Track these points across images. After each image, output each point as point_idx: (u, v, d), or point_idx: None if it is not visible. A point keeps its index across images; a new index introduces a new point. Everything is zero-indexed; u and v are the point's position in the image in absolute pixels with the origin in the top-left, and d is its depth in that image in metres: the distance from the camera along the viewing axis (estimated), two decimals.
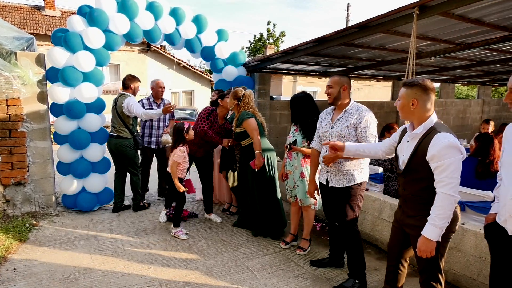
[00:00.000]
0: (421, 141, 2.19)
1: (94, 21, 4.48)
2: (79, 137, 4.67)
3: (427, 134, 2.18)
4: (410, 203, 2.32)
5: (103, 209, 5.12)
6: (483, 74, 8.43)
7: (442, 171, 2.05)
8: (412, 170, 2.25)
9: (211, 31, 5.62)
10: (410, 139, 2.29)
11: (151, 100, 5.25)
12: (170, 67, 18.85)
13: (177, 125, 4.19)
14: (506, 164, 1.93)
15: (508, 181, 1.85)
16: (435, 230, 2.07)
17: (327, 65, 6.93)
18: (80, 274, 3.27)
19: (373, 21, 3.84)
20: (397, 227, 2.50)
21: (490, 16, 3.83)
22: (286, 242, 3.97)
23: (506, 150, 1.94)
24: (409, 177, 2.29)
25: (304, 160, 3.68)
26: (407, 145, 2.32)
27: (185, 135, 4.12)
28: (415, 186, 2.25)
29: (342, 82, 3.04)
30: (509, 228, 1.85)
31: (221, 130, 4.62)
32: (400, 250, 2.53)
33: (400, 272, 2.59)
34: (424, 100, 2.21)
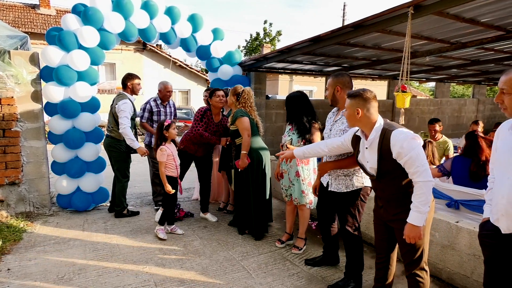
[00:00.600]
0: (381, 144, 2.30)
1: (88, 19, 4.45)
2: (74, 137, 4.64)
3: (382, 136, 2.31)
4: (393, 202, 2.40)
5: (98, 208, 5.10)
6: (478, 73, 8.47)
7: (413, 163, 2.18)
8: (385, 173, 2.35)
9: (207, 30, 5.61)
10: (369, 146, 2.40)
11: (158, 103, 5.10)
12: (166, 66, 18.80)
13: (159, 123, 4.10)
14: (498, 163, 1.94)
15: (501, 180, 1.86)
16: (420, 216, 2.19)
17: (323, 64, 6.94)
18: (74, 274, 3.26)
19: (368, 20, 3.84)
20: (380, 223, 2.57)
21: (484, 15, 3.85)
22: (281, 241, 3.97)
23: (499, 148, 1.94)
24: (383, 180, 2.39)
25: (299, 160, 3.68)
26: (367, 152, 2.42)
27: (165, 133, 4.00)
28: (394, 186, 2.35)
29: (335, 84, 3.01)
30: (502, 227, 1.86)
31: (219, 128, 4.58)
32: (388, 245, 2.59)
33: (390, 267, 2.64)
34: (367, 108, 2.37)
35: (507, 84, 1.71)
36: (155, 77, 17.55)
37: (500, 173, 1.87)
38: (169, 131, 4.00)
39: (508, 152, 1.82)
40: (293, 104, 3.69)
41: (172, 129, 4.01)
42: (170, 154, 4.01)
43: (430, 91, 32.22)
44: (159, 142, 4.01)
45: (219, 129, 4.59)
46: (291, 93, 3.80)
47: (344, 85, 3.00)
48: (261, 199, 4.11)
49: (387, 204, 2.45)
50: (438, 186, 3.63)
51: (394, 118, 8.99)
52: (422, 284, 2.40)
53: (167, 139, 4.04)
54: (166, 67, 18.64)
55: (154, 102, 5.09)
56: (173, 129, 4.03)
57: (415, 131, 8.22)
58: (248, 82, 6.43)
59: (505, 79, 1.73)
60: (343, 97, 2.98)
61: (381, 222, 2.57)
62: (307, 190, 3.67)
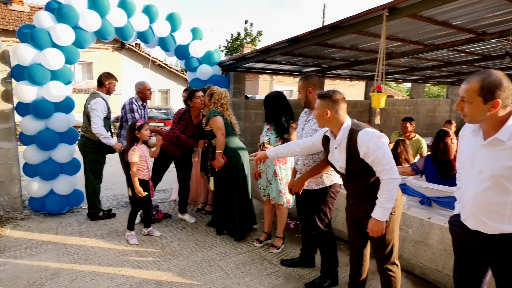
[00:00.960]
0: (349, 144, 2.38)
1: (63, 17, 4.33)
2: (47, 138, 4.51)
3: (350, 136, 2.38)
4: (363, 199, 2.47)
5: (72, 211, 4.97)
6: (451, 74, 8.73)
7: (379, 162, 2.26)
8: (354, 172, 2.42)
9: (186, 29, 5.56)
10: (338, 145, 2.47)
11: (139, 104, 4.89)
12: (145, 65, 18.54)
13: (131, 123, 3.99)
14: (463, 166, 1.99)
15: (466, 183, 1.92)
16: (384, 211, 2.29)
17: (302, 65, 7.00)
18: (47, 279, 3.17)
19: (345, 22, 3.90)
20: (352, 220, 2.65)
21: (456, 18, 3.98)
22: (259, 241, 3.97)
23: (463, 151, 2.00)
24: (353, 179, 2.47)
25: (277, 159, 3.69)
26: (336, 152, 2.49)
27: (137, 134, 3.88)
28: (363, 184, 2.42)
29: (306, 85, 3.07)
30: (470, 225, 1.93)
31: (198, 130, 4.54)
32: (360, 242, 2.67)
33: (363, 263, 2.71)
34: (336, 110, 2.44)
35: (467, 94, 1.74)
36: (134, 77, 17.28)
37: (466, 176, 1.93)
38: (141, 132, 3.89)
39: (471, 156, 1.88)
40: (271, 104, 3.71)
41: (144, 130, 3.91)
42: (142, 155, 3.90)
43: (407, 92, 32.97)
44: (131, 143, 3.90)
45: (199, 131, 4.54)
46: (269, 93, 3.81)
47: (315, 85, 3.06)
48: (241, 199, 4.10)
49: (357, 201, 2.53)
50: (411, 184, 3.72)
51: (371, 118, 9.16)
52: (393, 278, 2.48)
53: (139, 140, 3.93)
54: (145, 66, 18.38)
55: (137, 103, 4.87)
56: (146, 130, 3.92)
57: (391, 130, 8.40)
58: (228, 82, 6.42)
59: (466, 87, 1.75)
60: (315, 97, 3.03)
61: (353, 219, 2.64)
62: (285, 189, 3.69)
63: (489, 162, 1.77)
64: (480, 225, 1.86)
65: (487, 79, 1.70)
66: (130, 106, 4.80)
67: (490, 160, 1.77)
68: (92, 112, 4.41)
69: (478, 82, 1.71)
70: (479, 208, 1.84)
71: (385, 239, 2.40)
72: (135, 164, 3.83)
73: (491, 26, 4.25)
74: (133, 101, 4.85)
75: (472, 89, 1.72)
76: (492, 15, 3.84)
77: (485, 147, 1.79)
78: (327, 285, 3.10)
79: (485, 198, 1.80)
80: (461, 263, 2.08)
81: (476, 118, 1.77)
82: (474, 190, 1.84)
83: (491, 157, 1.77)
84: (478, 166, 1.83)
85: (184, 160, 4.66)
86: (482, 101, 1.70)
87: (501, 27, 4.25)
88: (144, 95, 4.93)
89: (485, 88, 1.69)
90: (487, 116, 1.73)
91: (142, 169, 3.92)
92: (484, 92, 1.69)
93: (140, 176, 3.91)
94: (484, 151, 1.80)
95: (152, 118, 13.63)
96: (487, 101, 1.70)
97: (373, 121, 3.93)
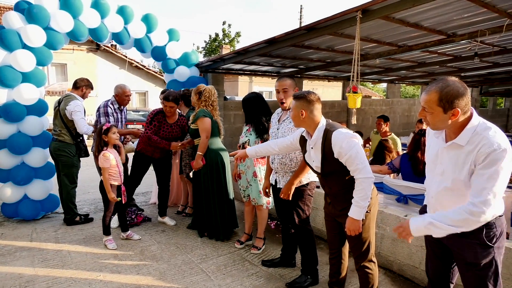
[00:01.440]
0: (323, 144, 2.42)
1: (33, 18, 4.22)
2: (19, 142, 4.37)
3: (325, 136, 2.42)
4: (339, 197, 2.52)
5: (48, 217, 4.83)
6: (425, 74, 9.00)
7: (353, 161, 2.31)
8: (329, 171, 2.47)
9: (162, 30, 5.51)
10: (313, 145, 2.51)
11: (115, 107, 4.71)
12: (122, 67, 18.21)
13: (98, 128, 3.85)
14: (428, 164, 2.07)
15: (430, 181, 2.01)
16: (360, 210, 2.33)
17: (280, 66, 7.05)
18: (21, 286, 3.07)
19: (321, 23, 3.97)
20: (330, 220, 2.70)
21: (427, 20, 4.11)
22: (240, 242, 3.98)
23: (427, 150, 2.08)
24: (329, 178, 2.51)
25: (256, 160, 3.71)
26: (312, 151, 2.53)
27: (104, 138, 3.74)
28: (339, 183, 2.47)
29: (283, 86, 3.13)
30: None
31: (174, 129, 4.41)
32: (339, 241, 2.72)
33: (342, 261, 2.77)
34: (311, 110, 2.47)
35: (427, 104, 1.78)
36: (110, 79, 16.96)
37: (430, 174, 2.02)
38: (109, 136, 3.75)
39: (434, 157, 1.95)
40: (249, 105, 3.73)
41: (111, 133, 3.76)
42: (113, 160, 3.78)
43: (383, 92, 33.70)
44: (100, 148, 3.76)
45: (174, 130, 4.41)
46: (247, 95, 3.83)
47: (291, 86, 3.13)
48: (222, 200, 4.09)
49: (334, 200, 2.58)
50: (388, 182, 3.81)
51: (349, 118, 9.32)
52: (371, 275, 2.54)
53: (108, 144, 3.78)
54: (122, 68, 18.05)
55: (112, 106, 4.68)
56: (113, 134, 3.77)
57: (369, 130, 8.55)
58: (206, 84, 6.38)
59: (425, 98, 1.78)
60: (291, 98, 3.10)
61: (331, 218, 2.68)
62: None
63: (449, 165, 1.84)
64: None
65: (445, 90, 1.73)
66: (105, 109, 4.62)
67: (450, 163, 1.84)
68: (76, 115, 4.33)
69: (437, 93, 1.74)
70: (440, 206, 1.93)
71: (362, 237, 2.45)
72: (106, 170, 3.71)
73: (460, 27, 4.41)
74: (108, 104, 4.67)
75: (431, 100, 1.76)
76: (461, 17, 3.98)
77: (446, 150, 1.86)
78: (307, 284, 3.13)
79: (445, 198, 1.90)
80: (431, 254, 2.16)
81: (439, 126, 1.83)
82: (436, 189, 1.93)
83: (451, 160, 1.83)
84: (440, 168, 1.91)
85: (163, 161, 4.58)
86: (442, 111, 1.75)
87: (469, 28, 4.42)
88: (122, 100, 4.75)
89: (443, 99, 1.73)
90: (448, 124, 1.78)
91: (114, 174, 3.80)
92: (443, 102, 1.73)
93: (112, 181, 3.78)
94: (445, 153, 1.87)
95: (130, 121, 13.44)
96: (447, 110, 1.74)
97: (351, 121, 4.01)
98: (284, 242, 3.54)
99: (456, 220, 1.73)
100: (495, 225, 1.82)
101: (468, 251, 1.86)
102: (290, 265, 3.52)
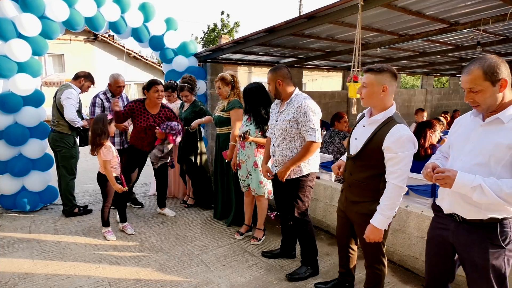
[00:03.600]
0: (379, 128, 2.22)
1: (28, 6, 4.13)
2: (16, 133, 4.31)
3: (386, 123, 2.22)
4: (354, 188, 2.40)
5: (47, 208, 4.81)
6: (426, 64, 8.91)
7: (396, 163, 2.12)
8: (363, 156, 2.29)
9: (159, 19, 5.41)
10: (367, 125, 2.32)
11: (108, 95, 4.58)
12: (119, 57, 18.04)
13: (97, 117, 3.69)
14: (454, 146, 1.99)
15: (453, 161, 1.93)
16: (384, 219, 2.18)
17: (279, 56, 6.97)
18: (20, 279, 3.05)
19: (321, 11, 3.89)
20: (343, 216, 2.59)
21: (430, 8, 4.03)
22: (240, 233, 3.96)
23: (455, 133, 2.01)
24: (358, 163, 2.34)
25: (257, 150, 3.67)
26: (362, 130, 2.35)
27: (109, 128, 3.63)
28: (363, 173, 2.32)
29: (275, 78, 3.00)
30: (445, 207, 1.94)
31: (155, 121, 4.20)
32: (347, 239, 2.65)
33: (351, 255, 2.72)
34: (393, 87, 2.24)
35: (474, 83, 1.74)
36: (108, 69, 16.81)
37: (455, 154, 1.93)
38: (111, 126, 3.67)
39: (465, 137, 1.89)
40: (250, 95, 3.67)
41: (112, 126, 3.69)
42: (113, 151, 3.72)
43: None
44: (101, 139, 3.58)
45: (156, 122, 4.19)
46: (248, 85, 3.77)
47: (284, 77, 3.01)
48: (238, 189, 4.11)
49: (348, 189, 2.45)
50: None
51: (349, 108, 9.26)
52: (378, 276, 2.46)
53: (108, 135, 3.68)
54: (120, 58, 17.89)
55: (104, 96, 4.56)
56: (113, 127, 3.73)
57: None
58: (204, 74, 6.32)
59: (469, 78, 1.75)
60: (285, 89, 3.02)
61: (343, 214, 2.57)
62: (265, 180, 3.68)
63: (482, 140, 1.80)
64: (454, 206, 1.87)
65: (486, 64, 1.72)
66: (93, 99, 4.53)
67: (484, 138, 1.80)
68: (66, 101, 4.27)
69: (479, 69, 1.73)
70: None
71: (376, 243, 2.33)
72: (109, 162, 3.61)
73: (463, 16, 4.33)
74: (99, 94, 4.55)
75: (476, 77, 1.74)
76: (464, 5, 3.91)
77: (482, 127, 1.83)
78: (308, 274, 3.12)
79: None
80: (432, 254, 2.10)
81: (490, 102, 1.77)
82: (461, 167, 1.82)
83: (486, 136, 1.80)
84: (470, 145, 1.85)
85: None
86: (491, 84, 1.73)
87: (472, 17, 4.34)
88: (114, 90, 4.60)
89: (487, 72, 1.71)
90: (498, 98, 1.75)
91: (115, 165, 3.72)
92: (489, 75, 1.71)
93: (115, 173, 3.73)
94: (481, 130, 1.83)
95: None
96: (495, 83, 1.72)
97: (351, 111, 3.96)
98: (283, 234, 3.53)
99: (509, 194, 1.63)
100: (510, 225, 1.77)
101: (478, 251, 1.81)
102: (290, 256, 3.50)
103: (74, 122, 4.33)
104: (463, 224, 1.87)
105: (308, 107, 2.88)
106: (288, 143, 2.98)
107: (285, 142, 2.99)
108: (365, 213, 2.31)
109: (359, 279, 2.94)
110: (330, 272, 3.22)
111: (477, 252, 1.81)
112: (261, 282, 3.09)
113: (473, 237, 1.83)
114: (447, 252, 2.00)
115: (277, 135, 3.04)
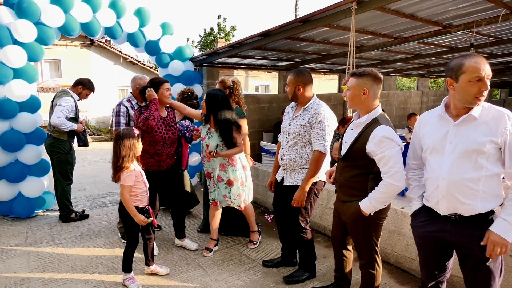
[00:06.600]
0: (363, 131, 2.30)
1: (23, 13, 4.14)
2: (12, 139, 4.30)
3: (369, 125, 2.28)
4: (344, 188, 2.46)
5: (43, 214, 4.79)
6: (421, 66, 8.96)
7: (386, 163, 2.17)
8: (350, 157, 2.38)
9: (155, 24, 5.43)
10: (354, 127, 2.39)
11: (134, 103, 3.96)
12: (116, 62, 18.05)
13: (123, 133, 2.82)
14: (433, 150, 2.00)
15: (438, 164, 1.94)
16: (369, 206, 2.26)
17: (275, 59, 6.99)
18: (16, 285, 3.04)
19: (316, 15, 3.92)
20: (337, 216, 2.61)
21: (423, 11, 4.07)
22: (209, 250, 3.67)
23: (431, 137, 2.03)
24: (347, 163, 2.42)
25: (232, 160, 3.48)
26: (351, 132, 2.43)
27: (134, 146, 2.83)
28: (351, 172, 2.39)
29: (296, 82, 2.93)
30: (442, 209, 1.95)
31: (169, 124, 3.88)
32: (342, 240, 2.66)
33: (345, 259, 2.71)
34: (374, 90, 2.29)
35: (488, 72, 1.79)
36: (105, 74, 16.83)
37: (438, 158, 1.95)
38: (138, 143, 2.88)
39: (442, 139, 1.93)
40: (216, 103, 3.40)
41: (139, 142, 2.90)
42: (138, 175, 2.91)
43: None
44: (123, 161, 2.79)
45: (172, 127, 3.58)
46: (212, 90, 3.49)
47: (305, 83, 2.94)
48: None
49: (339, 189, 2.52)
50: None
51: (345, 111, 9.29)
52: (373, 276, 2.48)
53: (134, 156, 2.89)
54: (116, 63, 17.89)
55: (129, 103, 3.92)
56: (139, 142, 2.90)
57: None
58: (201, 78, 6.34)
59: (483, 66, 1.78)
60: (304, 95, 2.95)
61: (337, 214, 2.59)
62: (242, 191, 3.56)
63: (461, 138, 1.85)
64: (454, 206, 1.90)
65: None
66: (117, 108, 3.87)
67: (463, 137, 1.85)
68: (57, 107, 4.27)
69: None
70: (454, 185, 1.87)
71: (366, 236, 2.40)
72: (127, 188, 2.83)
73: (456, 18, 4.38)
74: (123, 101, 3.92)
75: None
76: (457, 8, 3.95)
77: (456, 126, 1.87)
78: (305, 277, 3.12)
79: (459, 174, 1.86)
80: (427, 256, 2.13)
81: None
82: (448, 168, 1.88)
83: (463, 134, 1.85)
84: (450, 146, 1.89)
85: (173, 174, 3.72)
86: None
87: (465, 19, 4.38)
88: (138, 95, 3.93)
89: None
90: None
91: (139, 194, 2.93)
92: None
93: (136, 203, 2.91)
94: (455, 130, 1.88)
95: None
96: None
97: (346, 114, 3.98)
98: (282, 241, 3.41)
99: None
100: None
101: (479, 243, 1.84)
102: (291, 264, 3.37)
103: (60, 126, 4.27)
104: (460, 222, 1.90)
105: (324, 116, 2.86)
106: (300, 148, 2.95)
107: (296, 147, 2.96)
108: (353, 212, 2.36)
109: (355, 281, 2.94)
110: (327, 275, 3.22)
111: (478, 245, 1.85)
112: (259, 285, 3.09)
113: (473, 233, 1.87)
114: (444, 250, 2.04)
115: (288, 139, 3.00)
